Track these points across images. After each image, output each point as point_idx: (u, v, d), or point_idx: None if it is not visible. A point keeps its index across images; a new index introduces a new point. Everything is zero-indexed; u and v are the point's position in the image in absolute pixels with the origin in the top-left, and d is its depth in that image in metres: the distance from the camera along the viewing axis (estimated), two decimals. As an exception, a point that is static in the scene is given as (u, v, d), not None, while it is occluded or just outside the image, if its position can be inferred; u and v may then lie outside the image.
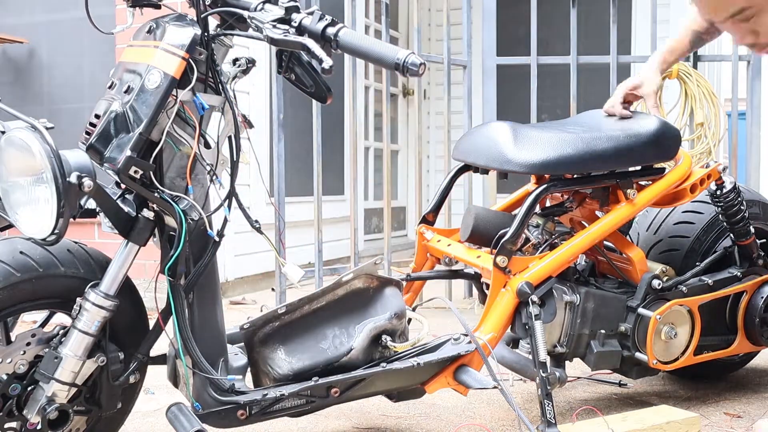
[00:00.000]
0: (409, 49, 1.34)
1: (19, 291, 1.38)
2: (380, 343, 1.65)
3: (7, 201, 1.35)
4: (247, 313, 3.40)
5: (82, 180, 1.27)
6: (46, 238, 1.29)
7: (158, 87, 1.37)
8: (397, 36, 6.56)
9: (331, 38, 1.35)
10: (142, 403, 2.22)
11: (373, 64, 1.71)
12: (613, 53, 3.66)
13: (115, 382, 1.48)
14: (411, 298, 2.14)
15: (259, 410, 1.53)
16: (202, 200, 1.47)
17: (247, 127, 1.53)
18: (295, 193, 4.28)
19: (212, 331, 1.53)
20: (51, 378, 1.39)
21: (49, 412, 1.39)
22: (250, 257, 4.19)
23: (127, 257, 1.44)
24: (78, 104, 4.31)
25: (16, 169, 1.32)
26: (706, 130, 3.51)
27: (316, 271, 3.39)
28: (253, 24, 1.38)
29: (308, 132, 3.45)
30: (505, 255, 1.78)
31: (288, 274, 1.62)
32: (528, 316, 1.73)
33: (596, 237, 1.87)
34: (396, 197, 6.54)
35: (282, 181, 3.29)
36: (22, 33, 4.41)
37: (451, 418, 2.08)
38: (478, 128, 1.97)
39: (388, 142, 3.59)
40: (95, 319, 1.41)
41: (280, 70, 1.50)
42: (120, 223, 1.41)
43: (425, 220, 2.14)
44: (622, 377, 2.34)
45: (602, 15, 3.84)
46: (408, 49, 5.49)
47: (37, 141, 1.26)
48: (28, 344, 1.41)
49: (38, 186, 1.29)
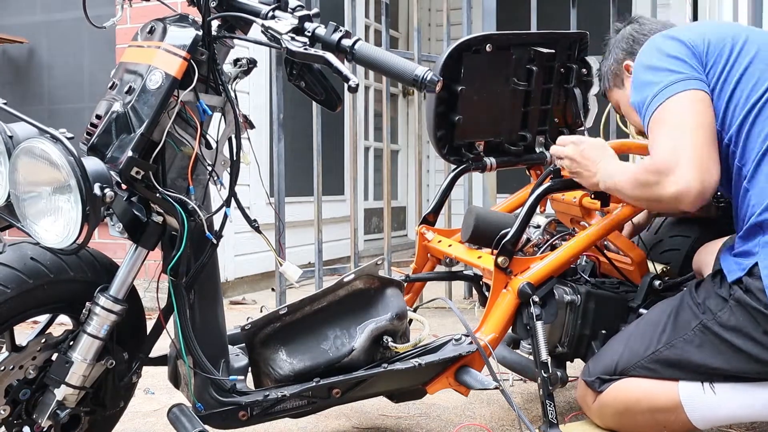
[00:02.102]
0: (426, 67, 1.35)
1: (31, 297, 1.37)
2: (381, 343, 1.65)
3: (19, 208, 1.33)
4: (247, 314, 3.40)
5: (105, 191, 1.26)
6: (68, 247, 1.28)
7: (160, 87, 1.36)
8: (397, 36, 6.56)
9: (346, 50, 1.36)
10: (142, 403, 2.22)
11: (388, 77, 1.72)
12: (613, 53, 3.65)
13: (120, 382, 1.48)
14: (411, 299, 2.14)
15: (260, 411, 1.53)
16: (201, 200, 1.47)
17: (247, 127, 1.53)
18: (295, 193, 4.28)
19: (213, 332, 1.53)
20: (62, 382, 1.39)
21: (62, 417, 1.39)
22: (250, 257, 4.19)
23: (135, 262, 1.44)
24: (78, 104, 4.31)
25: (35, 178, 1.30)
26: (706, 130, 3.51)
27: (316, 271, 3.39)
28: (269, 34, 1.37)
29: (308, 132, 3.45)
30: (506, 255, 1.78)
31: (286, 274, 1.62)
32: (529, 317, 1.73)
33: (597, 237, 1.87)
34: (396, 197, 6.55)
35: (282, 181, 3.29)
36: (22, 33, 4.41)
37: (451, 418, 2.08)
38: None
39: (388, 142, 3.59)
40: (105, 324, 1.41)
41: (290, 78, 1.50)
42: (131, 228, 1.41)
43: (426, 221, 2.14)
44: (622, 377, 2.34)
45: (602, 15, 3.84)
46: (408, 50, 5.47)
47: (60, 152, 1.24)
48: (39, 350, 1.41)
49: (60, 196, 1.28)
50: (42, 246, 1.37)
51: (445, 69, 1.97)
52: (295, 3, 1.43)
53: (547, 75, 2.15)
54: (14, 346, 1.39)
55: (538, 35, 2.15)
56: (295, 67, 1.50)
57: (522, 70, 2.10)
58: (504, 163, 2.18)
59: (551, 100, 2.19)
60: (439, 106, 2.02)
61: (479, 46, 2.00)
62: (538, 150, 2.22)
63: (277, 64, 3.21)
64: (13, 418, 1.40)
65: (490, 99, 2.08)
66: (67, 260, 1.43)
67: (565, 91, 2.21)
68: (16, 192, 1.33)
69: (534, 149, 2.22)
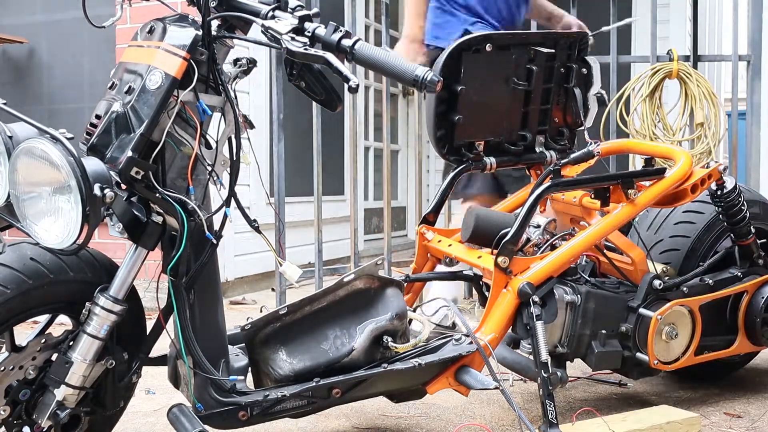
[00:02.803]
0: (426, 67, 1.35)
1: (31, 298, 1.38)
2: (381, 343, 1.65)
3: (19, 208, 1.33)
4: (247, 313, 3.39)
5: (104, 191, 1.26)
6: (68, 248, 1.28)
7: (159, 87, 1.36)
8: (397, 36, 6.56)
9: (346, 50, 1.36)
10: (143, 403, 2.22)
11: (388, 78, 1.72)
12: (613, 53, 3.66)
13: (120, 382, 1.48)
14: (411, 299, 2.13)
15: (260, 411, 1.53)
16: (201, 200, 1.47)
17: (247, 127, 1.53)
18: (295, 193, 4.28)
19: (213, 332, 1.53)
20: (62, 383, 1.39)
21: (63, 417, 1.39)
22: (250, 257, 4.19)
23: (135, 262, 1.44)
24: (78, 104, 4.31)
25: (34, 178, 1.30)
26: (706, 130, 3.51)
27: (316, 271, 3.38)
28: (269, 34, 1.37)
29: (308, 132, 3.44)
30: (506, 255, 1.78)
31: (286, 273, 1.62)
32: (529, 317, 1.73)
33: (597, 237, 1.87)
34: (396, 197, 6.54)
35: (282, 181, 3.29)
36: (22, 33, 4.41)
37: (451, 418, 2.08)
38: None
39: (388, 142, 3.59)
40: (105, 324, 1.41)
41: (290, 78, 1.50)
42: (131, 228, 1.41)
43: (426, 221, 2.14)
44: (622, 377, 2.34)
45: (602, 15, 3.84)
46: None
47: (60, 153, 1.24)
48: (39, 350, 1.41)
49: (60, 196, 1.28)
50: (42, 246, 1.37)
51: (445, 69, 1.97)
52: (295, 3, 1.43)
53: (547, 75, 2.15)
54: (14, 346, 1.40)
55: (538, 35, 2.15)
56: (295, 67, 1.50)
57: (522, 70, 2.10)
58: (504, 163, 2.18)
59: (551, 99, 2.19)
60: (439, 106, 2.02)
61: (479, 46, 2.00)
62: (538, 150, 2.22)
63: (277, 64, 3.21)
64: (13, 418, 1.40)
65: (490, 99, 2.08)
66: (66, 260, 1.42)
67: (565, 91, 2.21)
68: (16, 192, 1.33)
69: (534, 149, 2.22)
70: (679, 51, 3.70)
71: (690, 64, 3.61)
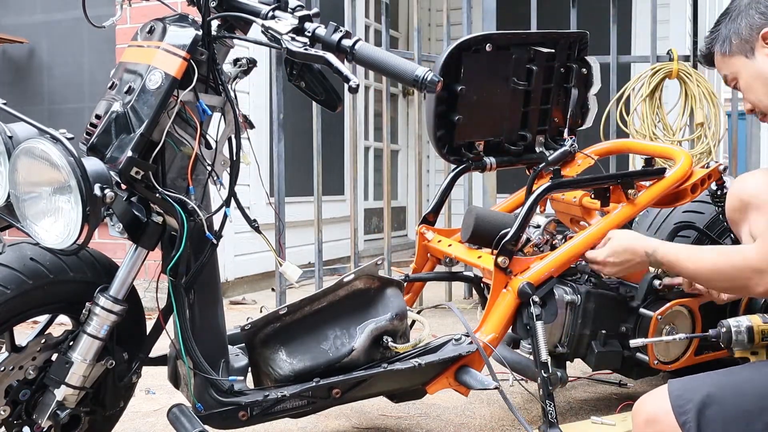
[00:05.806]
0: (426, 67, 1.35)
1: (31, 298, 1.38)
2: (381, 343, 1.65)
3: (19, 208, 1.33)
4: (247, 313, 3.40)
5: (105, 191, 1.26)
6: (68, 248, 1.28)
7: (159, 87, 1.36)
8: (397, 36, 6.56)
9: (346, 50, 1.36)
10: (143, 403, 2.22)
11: (388, 78, 1.72)
12: (613, 53, 3.66)
13: (120, 382, 1.48)
14: (411, 299, 2.13)
15: (260, 411, 1.53)
16: (201, 200, 1.47)
17: (247, 127, 1.53)
18: (295, 193, 4.28)
19: (213, 332, 1.53)
20: (62, 383, 1.39)
21: (63, 417, 1.39)
22: (250, 257, 4.19)
23: (135, 262, 1.44)
24: (78, 104, 4.31)
25: (35, 178, 1.30)
26: (706, 130, 3.52)
27: (316, 271, 3.39)
28: (269, 34, 1.37)
29: (308, 132, 3.44)
30: (506, 255, 1.78)
31: (286, 274, 1.62)
32: (529, 317, 1.73)
33: (597, 237, 1.87)
34: (396, 197, 6.54)
35: (282, 181, 3.29)
36: (22, 33, 4.41)
37: (451, 418, 2.08)
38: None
39: (388, 142, 3.59)
40: (105, 324, 1.41)
41: (290, 78, 1.50)
42: (131, 228, 1.41)
43: (426, 221, 2.14)
44: (622, 377, 2.34)
45: (602, 15, 3.84)
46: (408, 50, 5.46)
47: (60, 153, 1.24)
48: (39, 350, 1.41)
49: (60, 196, 1.28)
50: (42, 246, 1.37)
51: (445, 69, 1.97)
52: (295, 3, 1.43)
53: (547, 75, 2.15)
54: (14, 346, 1.40)
55: (538, 35, 2.15)
56: (295, 67, 1.50)
57: (522, 70, 2.10)
58: (504, 163, 2.18)
59: (551, 99, 2.19)
60: (439, 106, 2.02)
61: (479, 46, 2.00)
62: (538, 150, 2.22)
63: (277, 64, 3.21)
64: (13, 418, 1.40)
65: (490, 99, 2.08)
66: (66, 261, 1.42)
67: (565, 91, 2.21)
68: (16, 192, 1.33)
69: (534, 149, 2.22)
70: (679, 51, 3.70)
71: (690, 64, 3.61)
